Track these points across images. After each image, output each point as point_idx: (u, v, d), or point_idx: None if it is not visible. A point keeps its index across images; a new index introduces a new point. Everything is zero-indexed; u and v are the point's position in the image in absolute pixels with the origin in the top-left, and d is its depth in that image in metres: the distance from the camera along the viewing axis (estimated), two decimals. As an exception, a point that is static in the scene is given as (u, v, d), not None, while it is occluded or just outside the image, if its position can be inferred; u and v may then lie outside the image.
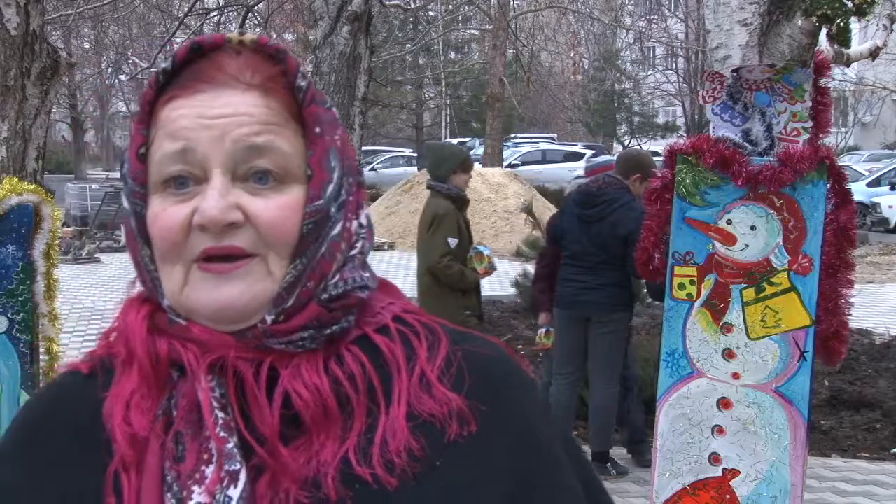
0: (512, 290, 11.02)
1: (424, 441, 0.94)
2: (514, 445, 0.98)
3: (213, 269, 0.93)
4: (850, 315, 3.21)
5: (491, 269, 6.15)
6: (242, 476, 0.90)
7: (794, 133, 3.08)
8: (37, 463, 0.98)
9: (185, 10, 13.54)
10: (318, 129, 0.97)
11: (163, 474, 0.91)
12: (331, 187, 0.97)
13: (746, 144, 3.08)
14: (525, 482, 0.97)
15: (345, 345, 0.97)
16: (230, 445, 0.91)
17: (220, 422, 0.92)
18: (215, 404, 0.92)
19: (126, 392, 0.95)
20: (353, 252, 1.00)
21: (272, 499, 0.90)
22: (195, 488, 0.90)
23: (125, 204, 0.99)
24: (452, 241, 5.99)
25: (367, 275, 1.01)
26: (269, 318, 0.94)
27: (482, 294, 6.37)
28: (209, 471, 0.91)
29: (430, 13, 26.73)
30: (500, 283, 11.69)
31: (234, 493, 0.90)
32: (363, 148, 5.85)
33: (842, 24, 3.22)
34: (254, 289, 0.93)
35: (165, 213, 0.94)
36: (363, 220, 1.02)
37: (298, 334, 0.94)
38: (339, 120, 1.02)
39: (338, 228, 0.97)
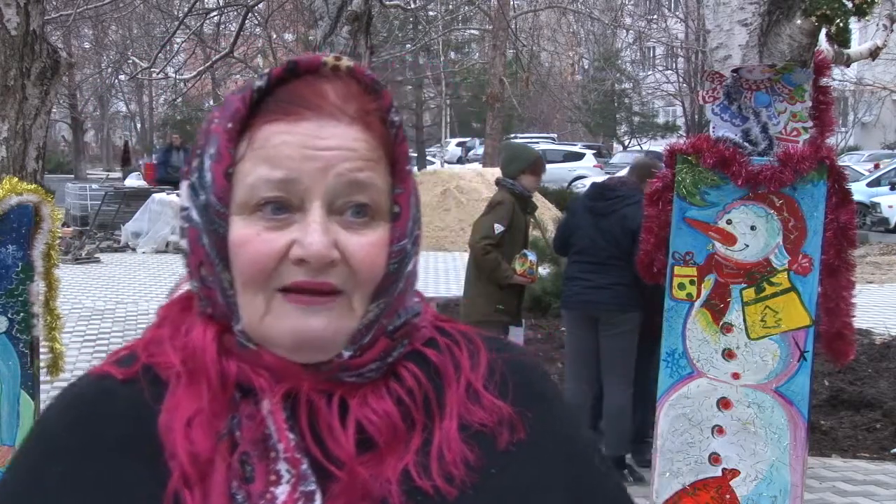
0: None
1: (478, 450, 0.95)
2: (563, 451, 1.00)
3: (302, 300, 0.92)
4: (853, 315, 3.21)
5: (532, 275, 6.10)
6: (318, 497, 0.91)
7: (794, 133, 3.08)
8: (83, 464, 0.96)
9: (185, 10, 13.54)
10: (407, 168, 0.98)
11: (231, 493, 0.91)
12: (410, 225, 0.98)
13: (746, 144, 3.08)
14: (579, 488, 0.99)
15: (399, 362, 0.98)
16: (304, 466, 0.92)
17: (294, 444, 0.93)
18: (285, 426, 0.93)
19: (187, 409, 0.94)
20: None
21: None
22: None
23: (196, 218, 0.95)
24: (498, 227, 6.02)
25: (417, 299, 1.03)
26: (346, 354, 0.95)
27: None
28: (279, 491, 0.91)
29: (430, 13, 26.73)
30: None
31: None
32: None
33: (841, 24, 3.22)
34: (336, 324, 0.93)
35: (259, 238, 0.92)
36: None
37: (368, 367, 0.96)
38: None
39: (412, 265, 0.99)
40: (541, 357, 9.00)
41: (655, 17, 37.44)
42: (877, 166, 27.41)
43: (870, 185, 24.04)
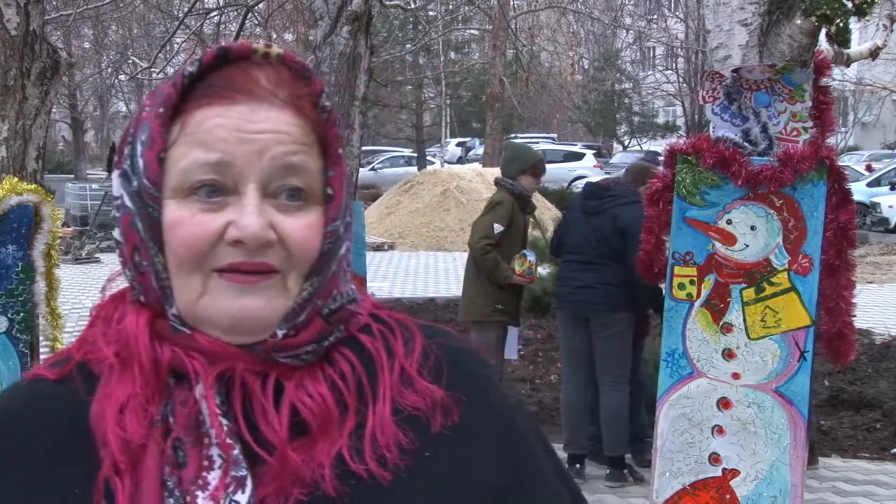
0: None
1: (412, 434, 0.96)
2: (498, 433, 1.01)
3: (239, 279, 0.93)
4: (854, 315, 3.21)
5: (531, 275, 6.11)
6: (249, 482, 0.92)
7: (794, 133, 3.08)
8: (13, 471, 0.96)
9: (185, 10, 13.54)
10: (339, 151, 1.00)
11: (163, 479, 0.91)
12: (343, 207, 1.00)
13: (746, 144, 3.08)
14: (511, 471, 1.00)
15: (335, 347, 0.99)
16: (236, 452, 0.92)
17: (226, 429, 0.93)
18: (217, 411, 0.93)
19: (120, 397, 0.94)
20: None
21: (273, 501, 0.92)
22: (199, 494, 0.91)
23: (129, 203, 0.97)
24: (498, 228, 6.05)
25: (353, 286, 1.04)
26: (280, 333, 0.95)
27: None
28: (211, 477, 0.91)
29: (430, 13, 26.72)
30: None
31: (242, 498, 0.91)
32: (363, 148, 5.86)
33: (841, 24, 3.22)
34: (272, 303, 0.94)
35: (194, 220, 0.93)
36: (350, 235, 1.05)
37: (304, 348, 0.96)
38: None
39: (344, 248, 1.00)
40: (541, 357, 9.00)
41: (655, 17, 37.44)
42: (868, 167, 27.43)
43: (870, 185, 24.04)
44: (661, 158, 3.43)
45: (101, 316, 1.01)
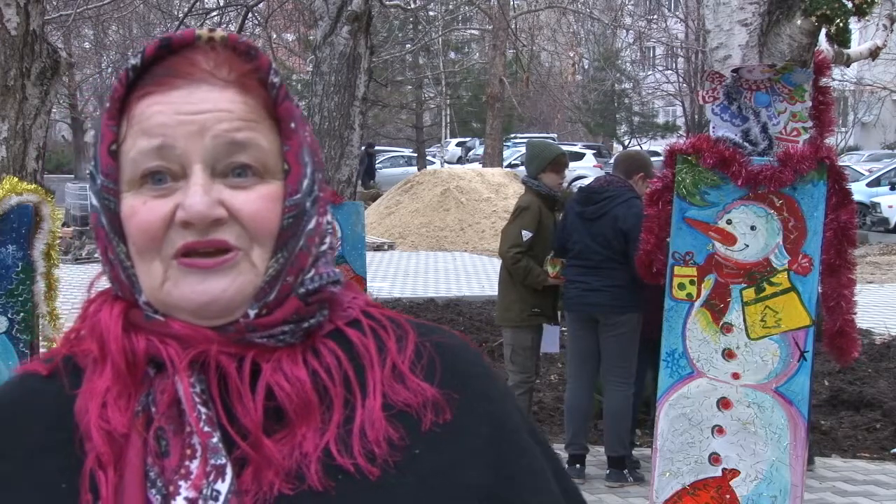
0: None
1: (402, 430, 0.96)
2: (489, 433, 1.00)
3: (196, 264, 0.93)
4: (854, 314, 3.21)
5: (565, 275, 6.06)
6: (228, 470, 0.91)
7: (794, 133, 3.08)
8: (2, 467, 0.97)
9: (185, 10, 13.55)
10: (292, 125, 0.99)
11: (145, 470, 0.91)
12: (306, 182, 0.99)
13: (746, 144, 3.08)
14: (501, 469, 0.99)
15: (319, 339, 0.99)
16: (214, 440, 0.92)
17: (204, 416, 0.92)
18: (197, 399, 0.93)
19: (100, 389, 0.94)
20: (324, 247, 1.02)
21: (257, 492, 0.91)
22: (181, 483, 0.91)
23: (94, 202, 0.98)
24: (526, 234, 6.02)
25: (337, 270, 1.03)
26: (251, 313, 0.95)
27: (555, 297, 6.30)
28: (194, 466, 0.91)
29: (430, 13, 26.74)
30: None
31: (223, 486, 0.91)
32: (363, 147, 5.86)
33: (841, 24, 3.22)
34: (238, 282, 0.94)
35: (145, 206, 0.94)
36: (329, 217, 1.04)
37: (279, 328, 0.96)
38: (306, 117, 1.03)
39: (312, 223, 0.99)
40: (541, 358, 8.98)
41: (655, 17, 37.41)
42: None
43: (870, 185, 24.04)
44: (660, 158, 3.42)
45: (87, 311, 1.02)
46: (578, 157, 32.38)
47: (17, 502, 0.95)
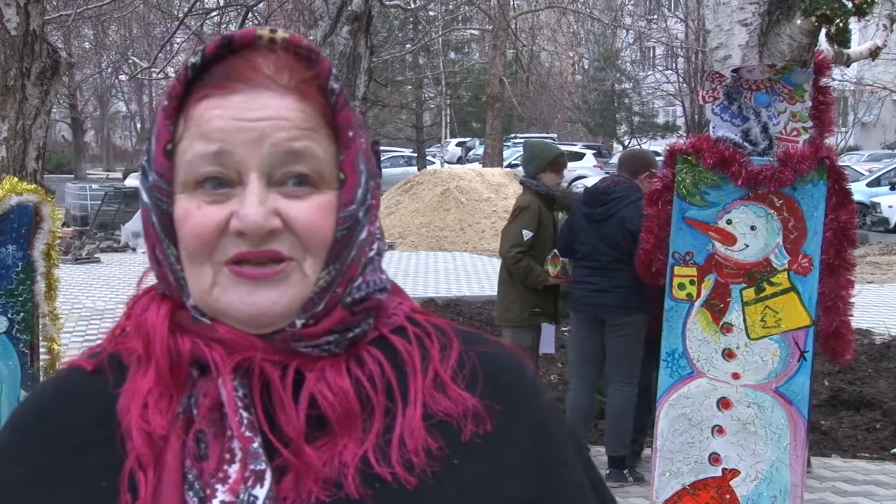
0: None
1: (442, 440, 0.95)
2: (530, 446, 0.98)
3: (247, 273, 0.92)
4: (851, 314, 3.21)
5: (565, 274, 6.02)
6: (268, 476, 0.91)
7: (794, 133, 3.08)
8: (44, 461, 0.97)
9: (185, 10, 13.54)
10: (350, 133, 0.97)
11: (183, 472, 0.91)
12: (360, 191, 0.97)
13: (746, 144, 3.08)
14: (542, 482, 0.98)
15: (363, 346, 0.97)
16: (255, 445, 0.91)
17: (245, 421, 0.92)
18: (239, 404, 0.92)
19: (143, 389, 0.94)
20: (372, 253, 1.00)
21: (295, 499, 0.91)
22: (219, 487, 0.90)
23: (145, 199, 0.97)
24: (527, 234, 6.01)
25: (384, 276, 1.02)
26: (299, 323, 0.94)
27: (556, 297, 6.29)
28: (232, 470, 0.91)
29: (430, 13, 26.74)
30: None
31: (261, 492, 0.90)
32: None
33: (841, 24, 3.22)
34: (288, 294, 0.93)
35: (200, 212, 0.93)
36: (378, 223, 1.03)
37: (325, 338, 0.95)
38: (362, 124, 1.01)
39: (364, 233, 0.98)
40: (541, 357, 8.99)
41: (655, 17, 37.43)
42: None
43: (870, 185, 24.03)
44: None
45: (133, 308, 1.01)
46: (578, 157, 32.39)
47: (59, 498, 0.95)
